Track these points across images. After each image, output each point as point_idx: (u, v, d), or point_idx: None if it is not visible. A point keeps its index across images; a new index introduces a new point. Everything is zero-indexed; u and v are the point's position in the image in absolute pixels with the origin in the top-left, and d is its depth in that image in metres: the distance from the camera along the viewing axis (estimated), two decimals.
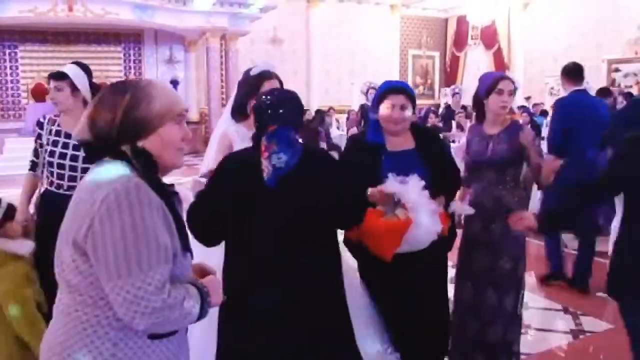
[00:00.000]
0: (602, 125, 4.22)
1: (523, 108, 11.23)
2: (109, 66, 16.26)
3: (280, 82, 2.97)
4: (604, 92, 7.39)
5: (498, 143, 3.09)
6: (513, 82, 3.12)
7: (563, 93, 5.13)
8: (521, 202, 3.19)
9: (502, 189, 3.08)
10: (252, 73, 2.97)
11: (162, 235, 1.41)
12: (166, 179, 1.58)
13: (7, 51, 15.48)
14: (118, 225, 1.35)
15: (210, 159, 2.97)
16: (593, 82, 13.68)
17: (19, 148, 12.25)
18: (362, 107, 9.36)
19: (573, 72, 4.91)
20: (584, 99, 4.84)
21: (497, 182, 3.09)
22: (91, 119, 1.48)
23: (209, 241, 2.25)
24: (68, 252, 1.44)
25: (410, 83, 20.40)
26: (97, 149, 1.49)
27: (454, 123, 9.44)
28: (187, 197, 3.22)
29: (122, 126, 1.46)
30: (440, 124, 9.50)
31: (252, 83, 2.93)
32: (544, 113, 11.24)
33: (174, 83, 16.65)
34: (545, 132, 10.11)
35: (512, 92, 3.10)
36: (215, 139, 3.10)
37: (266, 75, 2.95)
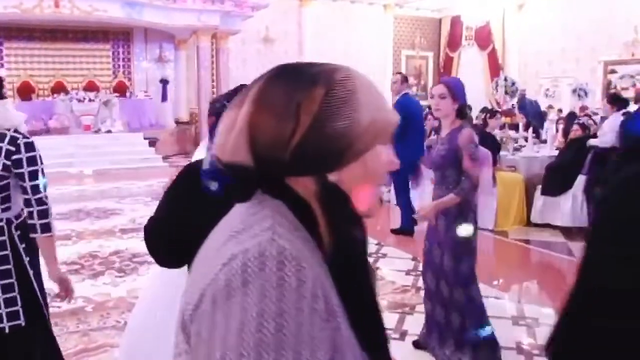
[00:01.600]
0: (420, 119, 7.09)
1: (522, 110, 11.07)
2: (97, 64, 15.94)
3: None
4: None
5: (442, 144, 3.32)
6: (448, 87, 3.30)
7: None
8: (463, 203, 3.27)
9: (445, 189, 3.27)
10: None
11: (309, 345, 0.74)
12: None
13: None
14: (235, 316, 0.73)
15: None
16: (590, 84, 13.63)
17: None
18: None
19: (405, 80, 7.14)
20: (411, 99, 7.00)
21: (440, 183, 3.34)
22: (252, 128, 0.84)
23: (178, 262, 1.87)
24: (180, 339, 0.86)
25: None
26: (250, 177, 0.86)
27: None
28: None
29: (306, 144, 0.82)
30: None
31: None
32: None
33: (164, 82, 16.37)
34: (544, 135, 9.89)
35: (443, 96, 3.28)
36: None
37: None
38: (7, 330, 2.38)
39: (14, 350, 2.43)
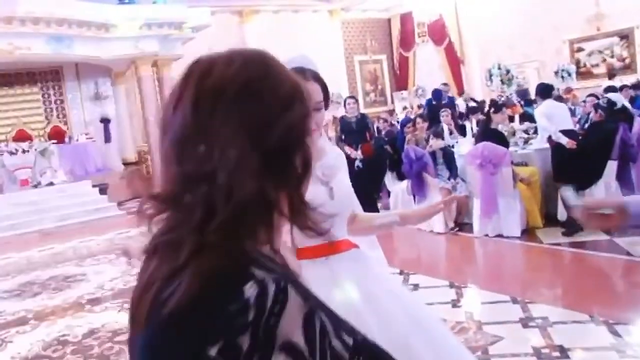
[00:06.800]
0: None
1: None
2: (26, 111, 14.13)
3: (324, 86, 1.90)
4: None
5: None
6: None
7: None
8: None
9: None
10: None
11: None
12: None
13: None
14: None
15: None
16: (556, 65, 12.87)
17: None
18: (342, 119, 7.93)
19: None
20: None
21: None
22: None
23: None
24: None
25: (359, 90, 19.24)
26: None
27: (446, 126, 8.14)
28: None
29: None
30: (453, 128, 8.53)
31: None
32: (530, 102, 10.19)
33: (105, 121, 14.81)
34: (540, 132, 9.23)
35: None
36: None
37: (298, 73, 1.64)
38: None
39: None
